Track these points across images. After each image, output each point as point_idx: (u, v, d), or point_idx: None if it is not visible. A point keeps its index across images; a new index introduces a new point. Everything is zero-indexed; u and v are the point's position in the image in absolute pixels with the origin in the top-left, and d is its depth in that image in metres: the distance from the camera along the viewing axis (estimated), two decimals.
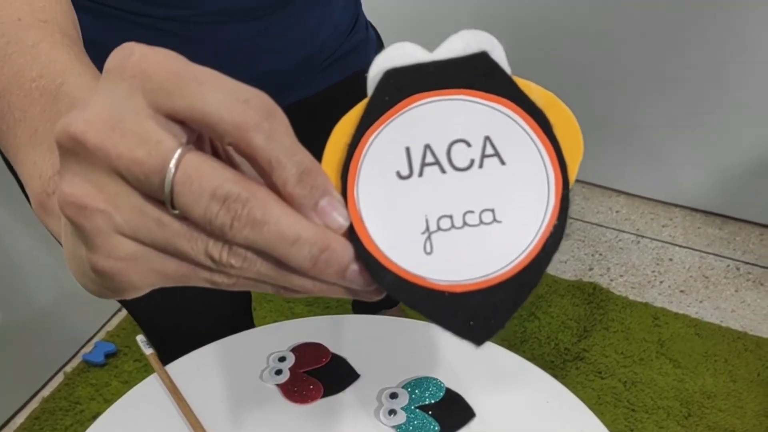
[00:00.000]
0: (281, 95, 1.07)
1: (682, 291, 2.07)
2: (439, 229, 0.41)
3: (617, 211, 2.31)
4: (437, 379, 1.02)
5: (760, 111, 2.04)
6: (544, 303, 1.97)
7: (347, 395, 1.01)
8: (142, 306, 0.86)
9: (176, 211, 0.37)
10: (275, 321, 1.13)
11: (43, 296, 1.75)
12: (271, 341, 1.09)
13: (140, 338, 1.06)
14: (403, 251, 0.41)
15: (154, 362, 1.02)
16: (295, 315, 1.96)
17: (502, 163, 0.41)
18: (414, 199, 0.41)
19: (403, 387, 1.01)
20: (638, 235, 2.24)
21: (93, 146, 0.36)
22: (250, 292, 1.32)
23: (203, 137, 0.41)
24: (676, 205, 2.32)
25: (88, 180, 0.37)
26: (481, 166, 0.41)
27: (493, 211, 0.42)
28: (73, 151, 0.37)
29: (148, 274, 0.39)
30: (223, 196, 0.36)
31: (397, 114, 0.41)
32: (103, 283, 0.39)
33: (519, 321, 1.93)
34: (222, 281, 0.40)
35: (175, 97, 0.36)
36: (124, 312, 2.00)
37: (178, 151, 0.36)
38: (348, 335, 1.09)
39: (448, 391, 1.01)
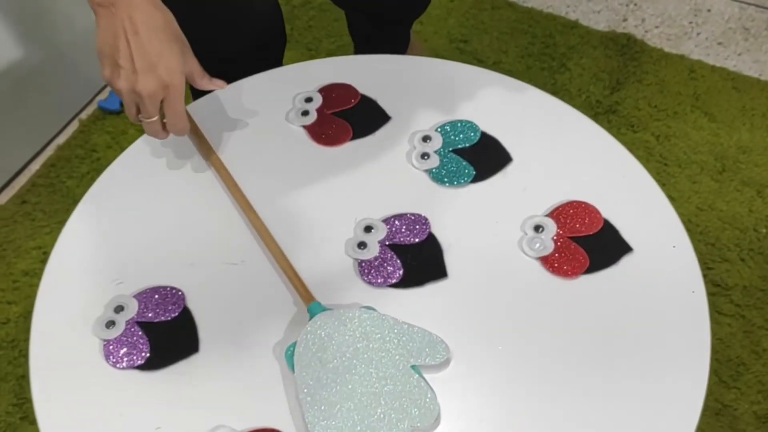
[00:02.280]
0: None
1: (720, 43, 1.97)
2: None
3: None
4: (472, 122, 0.96)
5: None
6: (575, 54, 1.87)
7: (377, 138, 0.96)
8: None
9: None
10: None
11: (57, 40, 1.67)
12: (297, 81, 1.02)
13: None
14: None
15: None
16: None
17: None
18: None
19: (436, 130, 0.96)
20: None
21: None
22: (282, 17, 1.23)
23: None
24: None
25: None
26: None
27: None
28: None
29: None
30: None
31: None
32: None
33: (549, 73, 1.84)
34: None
35: None
36: None
37: None
38: (378, 76, 1.02)
39: (484, 134, 0.95)
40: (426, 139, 0.94)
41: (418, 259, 0.84)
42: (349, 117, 0.97)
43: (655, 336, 0.78)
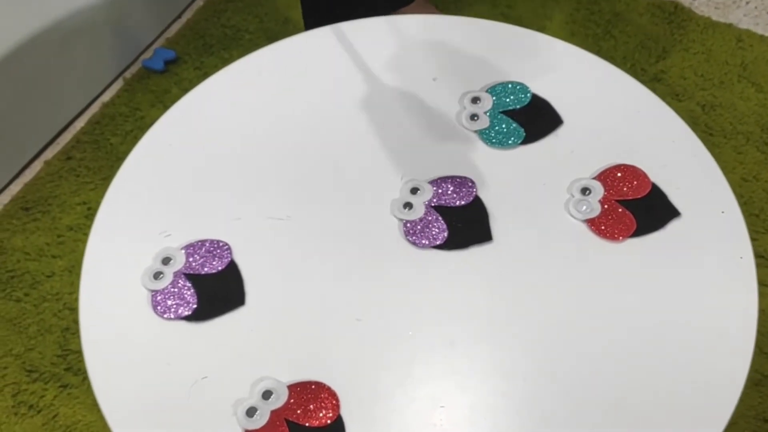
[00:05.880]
0: None
1: None
2: None
3: None
4: (523, 83, 0.96)
5: None
6: (620, 21, 1.85)
7: (427, 98, 0.96)
8: None
9: None
10: None
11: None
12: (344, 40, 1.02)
13: None
14: None
15: None
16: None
17: None
18: None
19: (486, 91, 0.95)
20: None
21: None
22: None
23: None
24: None
25: None
26: None
27: None
28: None
29: None
30: None
31: None
32: None
33: (594, 40, 1.82)
34: None
35: None
36: (184, 18, 1.92)
37: None
38: (425, 36, 1.02)
39: (535, 96, 0.95)
40: (476, 100, 0.94)
41: (463, 222, 0.84)
42: None
43: (703, 301, 0.78)
